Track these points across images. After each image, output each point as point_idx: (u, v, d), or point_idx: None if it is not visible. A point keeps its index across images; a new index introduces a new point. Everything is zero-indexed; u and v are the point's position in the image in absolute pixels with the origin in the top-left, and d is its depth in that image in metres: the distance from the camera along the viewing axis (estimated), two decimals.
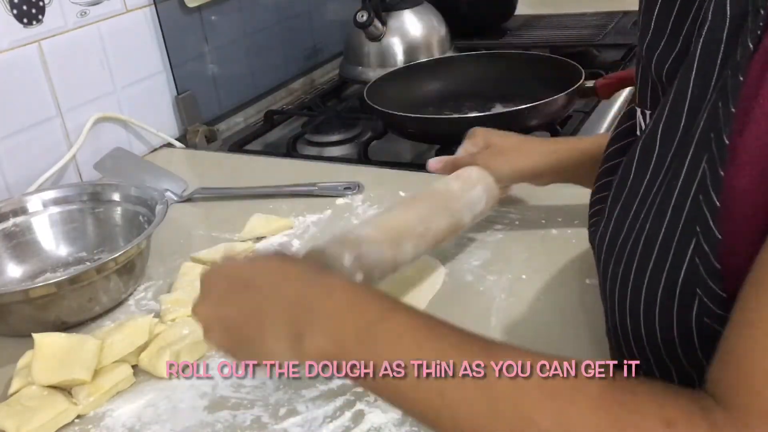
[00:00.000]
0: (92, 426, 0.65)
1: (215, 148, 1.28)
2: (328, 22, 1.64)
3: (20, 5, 1.02)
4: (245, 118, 1.42)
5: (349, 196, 0.99)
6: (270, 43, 1.48)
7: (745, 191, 0.42)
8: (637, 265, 0.48)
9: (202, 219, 1.01)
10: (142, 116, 1.22)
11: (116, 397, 0.68)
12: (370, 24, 1.34)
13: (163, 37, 1.24)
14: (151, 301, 0.82)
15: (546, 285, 0.76)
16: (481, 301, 0.75)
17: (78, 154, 1.12)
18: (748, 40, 0.42)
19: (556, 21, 1.70)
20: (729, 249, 0.42)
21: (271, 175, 1.08)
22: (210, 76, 1.36)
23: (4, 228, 0.88)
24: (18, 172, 1.05)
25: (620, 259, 0.50)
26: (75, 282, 0.75)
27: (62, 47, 1.09)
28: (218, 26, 1.35)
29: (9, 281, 0.87)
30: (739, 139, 0.42)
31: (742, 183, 0.42)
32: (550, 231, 0.85)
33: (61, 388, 0.67)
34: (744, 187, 0.42)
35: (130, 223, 0.89)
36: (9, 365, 0.72)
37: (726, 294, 0.43)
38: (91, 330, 0.77)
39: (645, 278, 0.48)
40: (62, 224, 0.91)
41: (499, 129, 1.07)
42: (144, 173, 1.09)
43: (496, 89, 1.23)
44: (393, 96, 1.20)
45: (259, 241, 0.91)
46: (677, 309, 0.46)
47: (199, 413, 0.64)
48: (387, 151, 1.18)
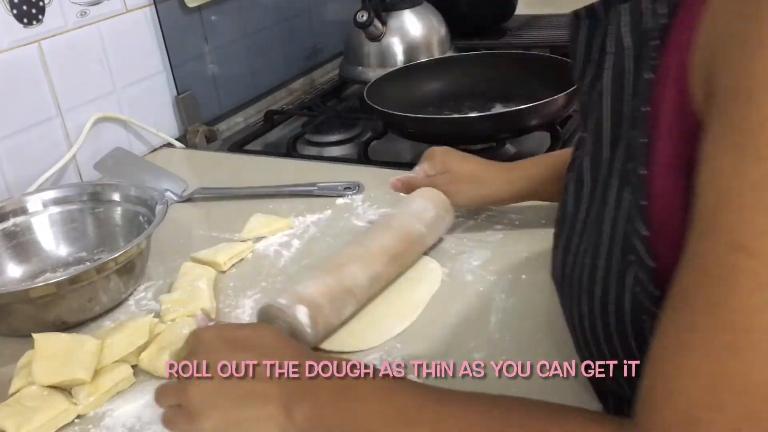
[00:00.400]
0: (92, 426, 0.65)
1: (215, 148, 1.28)
2: (328, 22, 1.64)
3: (20, 5, 1.02)
4: (245, 118, 1.42)
5: (349, 196, 0.99)
6: (270, 43, 1.49)
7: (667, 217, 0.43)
8: (586, 298, 0.50)
9: (202, 219, 1.01)
10: (142, 116, 1.22)
11: (116, 397, 0.68)
12: (370, 24, 1.34)
13: (163, 37, 1.24)
14: (151, 301, 0.82)
15: (546, 285, 0.76)
16: (481, 301, 0.75)
17: (78, 154, 1.12)
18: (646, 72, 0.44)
19: (556, 21, 1.70)
20: (665, 274, 0.43)
21: (271, 175, 1.08)
22: (210, 76, 1.36)
23: (4, 228, 0.88)
24: (18, 172, 1.05)
25: (570, 291, 0.52)
26: (75, 282, 0.75)
27: (62, 47, 1.09)
28: (218, 26, 1.35)
29: (9, 281, 0.87)
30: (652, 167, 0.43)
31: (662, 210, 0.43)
32: (550, 231, 0.84)
33: (61, 388, 0.67)
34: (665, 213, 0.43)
35: (130, 223, 0.89)
36: (9, 365, 0.72)
37: None
38: (91, 330, 0.77)
39: (595, 309, 0.49)
40: (62, 224, 0.91)
41: (499, 130, 1.08)
42: (144, 173, 1.09)
43: (496, 89, 1.23)
44: (393, 96, 1.20)
45: (259, 241, 0.91)
46: (633, 335, 0.47)
47: None
48: (387, 151, 1.18)
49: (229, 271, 0.86)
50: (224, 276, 0.85)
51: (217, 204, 1.03)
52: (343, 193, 0.99)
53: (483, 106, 1.20)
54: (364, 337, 0.71)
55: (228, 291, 0.82)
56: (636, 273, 0.45)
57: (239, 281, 0.83)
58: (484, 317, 0.72)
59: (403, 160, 1.15)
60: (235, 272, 0.85)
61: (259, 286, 0.82)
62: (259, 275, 0.84)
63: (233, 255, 0.87)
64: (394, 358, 0.67)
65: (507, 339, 0.69)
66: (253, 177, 1.08)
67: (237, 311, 0.78)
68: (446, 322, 0.72)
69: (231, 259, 0.86)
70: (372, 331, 0.72)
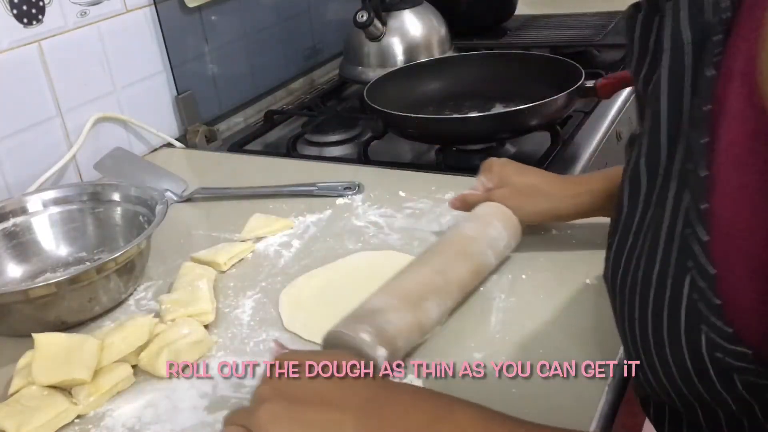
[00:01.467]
0: (92, 426, 0.65)
1: (215, 148, 1.28)
2: (328, 22, 1.64)
3: (20, 5, 1.02)
4: (245, 118, 1.42)
5: (349, 196, 0.99)
6: (270, 43, 1.48)
7: (731, 221, 0.41)
8: (639, 303, 0.47)
9: (202, 219, 1.01)
10: (142, 116, 1.22)
11: (116, 397, 0.68)
12: (370, 24, 1.34)
13: (163, 37, 1.24)
14: (151, 301, 0.82)
15: (546, 285, 0.76)
16: (481, 301, 0.75)
17: (78, 154, 1.12)
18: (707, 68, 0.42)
19: (556, 21, 1.70)
20: (726, 282, 0.41)
21: (271, 175, 1.08)
22: (210, 76, 1.36)
23: (4, 228, 0.88)
24: (18, 172, 1.05)
25: (623, 297, 0.49)
26: (75, 282, 0.75)
27: (62, 47, 1.09)
28: (218, 26, 1.35)
29: (9, 281, 0.87)
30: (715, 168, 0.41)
31: (726, 213, 0.41)
32: (550, 231, 0.85)
33: (61, 388, 0.67)
34: (729, 216, 0.41)
35: (130, 223, 0.89)
36: (9, 365, 0.72)
37: (732, 328, 0.41)
38: (91, 330, 0.77)
39: (648, 316, 0.46)
40: (62, 224, 0.91)
41: (499, 130, 1.08)
42: (144, 173, 1.09)
43: (496, 89, 1.23)
44: (393, 96, 1.20)
45: (259, 241, 0.91)
46: (686, 345, 0.44)
47: (199, 413, 0.64)
48: (387, 151, 1.18)
49: (229, 271, 0.86)
50: (224, 276, 0.85)
51: (217, 204, 1.03)
52: (343, 193, 0.99)
53: (483, 106, 1.20)
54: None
55: (228, 291, 0.82)
56: (694, 279, 0.43)
57: (239, 281, 0.83)
58: (484, 317, 0.72)
59: (403, 160, 1.15)
60: (235, 272, 0.85)
61: (259, 286, 0.82)
62: (259, 275, 0.84)
63: (233, 255, 0.87)
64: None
65: (507, 339, 0.69)
66: (253, 177, 1.08)
67: (237, 311, 0.78)
68: (446, 322, 0.72)
69: (231, 259, 0.86)
70: None
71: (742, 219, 0.40)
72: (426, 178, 1.01)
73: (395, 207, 0.94)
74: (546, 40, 1.58)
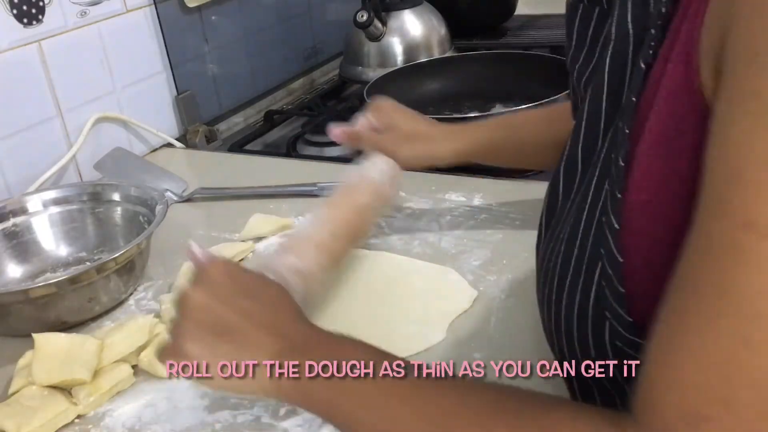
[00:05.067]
0: (92, 426, 0.65)
1: (215, 148, 1.28)
2: (328, 22, 1.64)
3: (20, 5, 1.02)
4: (245, 118, 1.42)
5: None
6: (270, 43, 1.48)
7: (640, 212, 0.41)
8: (557, 287, 0.48)
9: (202, 219, 1.01)
10: (142, 116, 1.22)
11: (116, 397, 0.68)
12: (370, 24, 1.34)
13: (163, 37, 1.24)
14: (151, 301, 0.82)
15: None
16: (481, 301, 0.75)
17: (78, 154, 1.12)
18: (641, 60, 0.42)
19: (556, 21, 1.70)
20: (631, 272, 0.41)
21: (271, 175, 1.08)
22: (210, 76, 1.36)
23: (4, 228, 0.88)
24: (18, 172, 1.05)
25: (546, 280, 0.50)
26: (75, 282, 0.75)
27: (62, 47, 1.09)
28: (218, 26, 1.35)
29: (9, 281, 0.87)
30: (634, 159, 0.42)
31: (637, 204, 0.42)
32: None
33: (61, 388, 0.67)
34: (638, 208, 0.42)
35: (130, 223, 0.89)
36: (9, 365, 0.72)
37: (631, 318, 0.42)
38: (91, 330, 0.77)
39: (563, 301, 0.48)
40: (62, 224, 0.91)
41: None
42: (144, 173, 1.09)
43: (496, 89, 1.23)
44: (393, 96, 1.18)
45: (259, 241, 0.91)
46: (591, 332, 0.45)
47: (199, 413, 0.64)
48: None
49: None
50: None
51: (217, 204, 1.03)
52: None
53: (483, 106, 1.20)
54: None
55: None
56: (604, 266, 0.43)
57: None
58: (484, 317, 0.72)
59: None
60: None
61: None
62: None
63: (233, 255, 0.87)
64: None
65: (507, 339, 0.69)
66: (253, 177, 1.08)
67: None
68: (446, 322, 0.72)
69: (231, 259, 0.86)
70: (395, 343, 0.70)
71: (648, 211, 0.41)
72: (426, 178, 1.01)
73: (395, 207, 0.94)
74: (546, 40, 1.58)
